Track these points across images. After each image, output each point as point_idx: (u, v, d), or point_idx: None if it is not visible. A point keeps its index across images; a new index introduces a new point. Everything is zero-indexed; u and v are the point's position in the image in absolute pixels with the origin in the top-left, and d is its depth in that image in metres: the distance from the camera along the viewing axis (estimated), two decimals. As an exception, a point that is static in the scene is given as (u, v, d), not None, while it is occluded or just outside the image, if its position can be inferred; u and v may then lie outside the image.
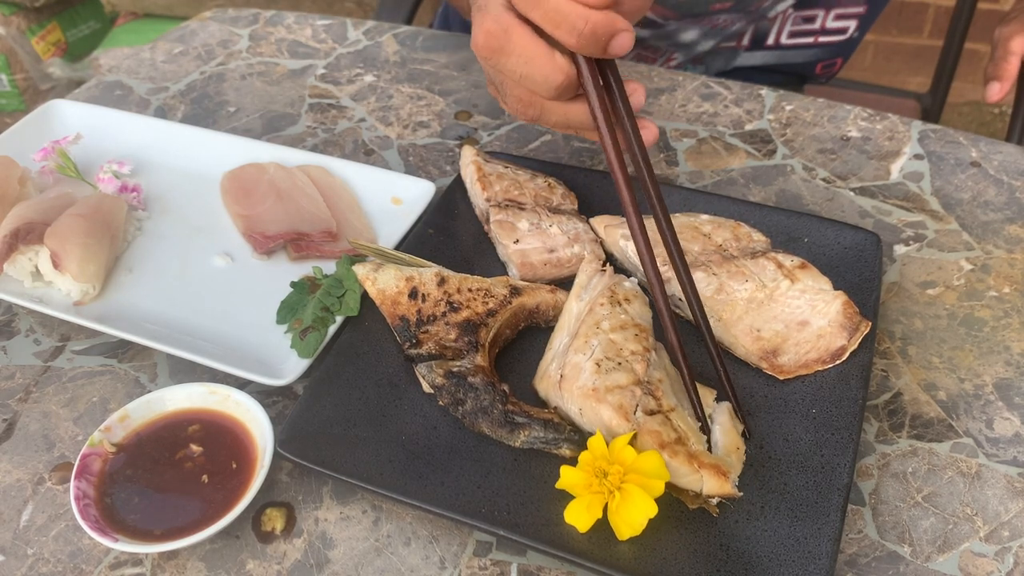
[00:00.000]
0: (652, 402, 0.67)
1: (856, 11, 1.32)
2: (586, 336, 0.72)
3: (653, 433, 0.65)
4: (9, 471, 0.74)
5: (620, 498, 0.62)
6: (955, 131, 1.07)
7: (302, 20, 1.35)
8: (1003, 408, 0.76)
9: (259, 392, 0.77)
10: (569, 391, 0.69)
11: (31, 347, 0.85)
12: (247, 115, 1.15)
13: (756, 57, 1.35)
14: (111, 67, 1.28)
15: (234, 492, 0.68)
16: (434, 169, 1.05)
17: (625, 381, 0.68)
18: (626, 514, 0.62)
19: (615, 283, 0.77)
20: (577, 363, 0.70)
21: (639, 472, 0.62)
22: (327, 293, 0.81)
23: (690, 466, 0.64)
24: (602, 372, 0.68)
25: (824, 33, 1.34)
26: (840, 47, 1.38)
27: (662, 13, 1.25)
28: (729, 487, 0.64)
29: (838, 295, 0.78)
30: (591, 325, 0.73)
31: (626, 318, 0.73)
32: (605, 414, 0.66)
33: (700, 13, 1.24)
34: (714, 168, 1.03)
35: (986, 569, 0.65)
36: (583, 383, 0.69)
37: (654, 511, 0.61)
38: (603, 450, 0.64)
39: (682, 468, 0.64)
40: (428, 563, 0.67)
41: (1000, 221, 0.95)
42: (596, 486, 0.63)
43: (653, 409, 0.67)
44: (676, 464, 0.64)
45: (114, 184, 0.97)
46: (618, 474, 0.62)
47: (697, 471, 0.64)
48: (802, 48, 1.35)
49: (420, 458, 0.70)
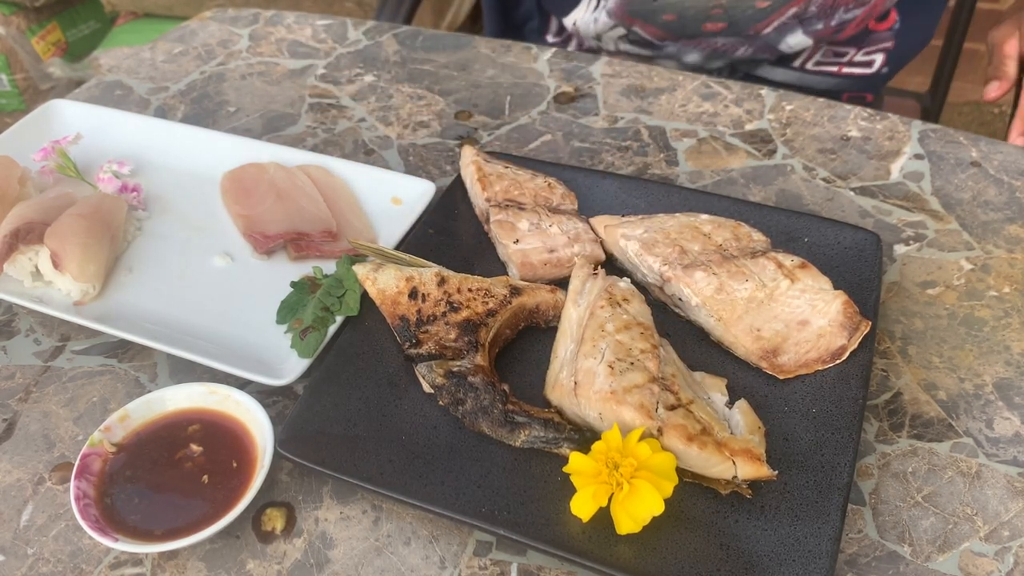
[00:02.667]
0: (671, 397, 0.67)
1: (884, 46, 1.32)
2: (593, 340, 0.72)
3: (679, 427, 0.65)
4: (9, 471, 0.74)
5: (628, 490, 0.62)
6: (955, 131, 1.07)
7: (302, 20, 1.35)
8: (1003, 408, 0.76)
9: (259, 392, 0.77)
10: (586, 397, 0.68)
11: (31, 347, 0.85)
12: (247, 115, 1.15)
13: (778, 74, 1.35)
14: (111, 67, 1.28)
15: (234, 492, 0.68)
16: (434, 169, 1.05)
17: (641, 380, 0.68)
18: (632, 508, 0.62)
19: (610, 284, 0.77)
20: (589, 368, 0.70)
21: (652, 470, 0.63)
22: (327, 293, 0.81)
23: (720, 455, 0.64)
24: (617, 374, 0.68)
25: (850, 64, 1.34)
26: (867, 81, 1.37)
27: (655, 34, 1.25)
28: (765, 468, 0.64)
29: (838, 295, 0.78)
30: (596, 328, 0.73)
31: (628, 318, 0.73)
32: (627, 415, 0.66)
33: (694, 35, 1.24)
34: (714, 168, 1.03)
35: (986, 569, 0.65)
36: (599, 387, 0.68)
37: (660, 509, 0.61)
38: (618, 443, 0.64)
39: (713, 458, 0.64)
40: (428, 563, 0.67)
41: (1000, 221, 0.95)
42: (605, 476, 0.63)
43: (673, 404, 0.67)
44: (707, 455, 0.64)
45: (114, 184, 0.97)
46: (630, 467, 0.62)
47: (728, 458, 0.64)
48: (826, 76, 1.35)
49: (420, 458, 0.70)
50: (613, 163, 1.05)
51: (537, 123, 1.11)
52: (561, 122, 1.11)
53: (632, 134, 1.09)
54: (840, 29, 1.27)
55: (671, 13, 1.21)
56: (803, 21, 1.25)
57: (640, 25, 1.25)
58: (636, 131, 1.09)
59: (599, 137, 1.09)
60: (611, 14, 1.25)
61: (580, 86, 1.17)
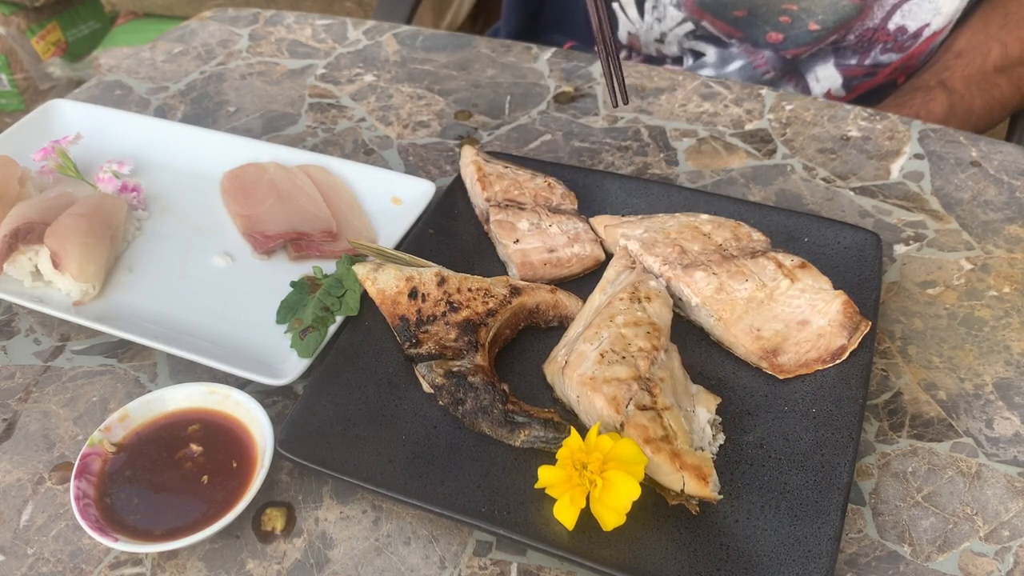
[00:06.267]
0: (647, 398, 0.67)
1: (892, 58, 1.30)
2: (598, 327, 0.73)
3: (640, 427, 0.65)
4: (9, 471, 0.74)
5: (602, 485, 0.62)
6: (955, 131, 1.07)
7: (302, 20, 1.35)
8: (1003, 408, 0.76)
9: (259, 392, 0.77)
10: (570, 377, 0.70)
11: (31, 347, 0.85)
12: (247, 115, 1.15)
13: None
14: (111, 67, 1.28)
15: (234, 492, 0.68)
16: (434, 169, 1.05)
17: (624, 375, 0.68)
18: (609, 500, 0.62)
19: (640, 280, 0.77)
20: (583, 351, 0.71)
21: (618, 459, 0.63)
22: (327, 293, 0.81)
23: (672, 464, 0.64)
24: (604, 363, 0.69)
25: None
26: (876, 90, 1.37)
27: (724, 30, 1.24)
28: (708, 491, 0.63)
29: (838, 294, 0.78)
30: (605, 318, 0.74)
31: (642, 315, 0.73)
32: (598, 403, 0.67)
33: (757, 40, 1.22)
34: (714, 168, 1.03)
35: (986, 569, 0.65)
36: (583, 371, 0.70)
37: (638, 493, 0.62)
38: (579, 443, 0.64)
39: (664, 465, 0.64)
40: (428, 563, 0.67)
41: (1000, 221, 0.94)
42: (576, 479, 0.63)
43: (646, 405, 0.67)
44: (659, 461, 0.64)
45: (114, 184, 0.97)
46: (597, 462, 0.63)
47: (679, 471, 0.64)
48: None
49: (420, 458, 0.70)
50: (613, 163, 1.05)
51: (537, 123, 1.11)
52: (561, 122, 1.11)
53: (632, 134, 1.09)
54: (872, 73, 1.25)
55: (742, 9, 1.20)
56: (837, 51, 1.23)
57: (710, 20, 1.24)
58: (636, 131, 1.09)
59: (599, 137, 1.09)
60: (680, 6, 1.24)
61: (580, 86, 1.17)
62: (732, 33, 1.24)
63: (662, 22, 1.28)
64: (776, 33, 1.21)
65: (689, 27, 1.27)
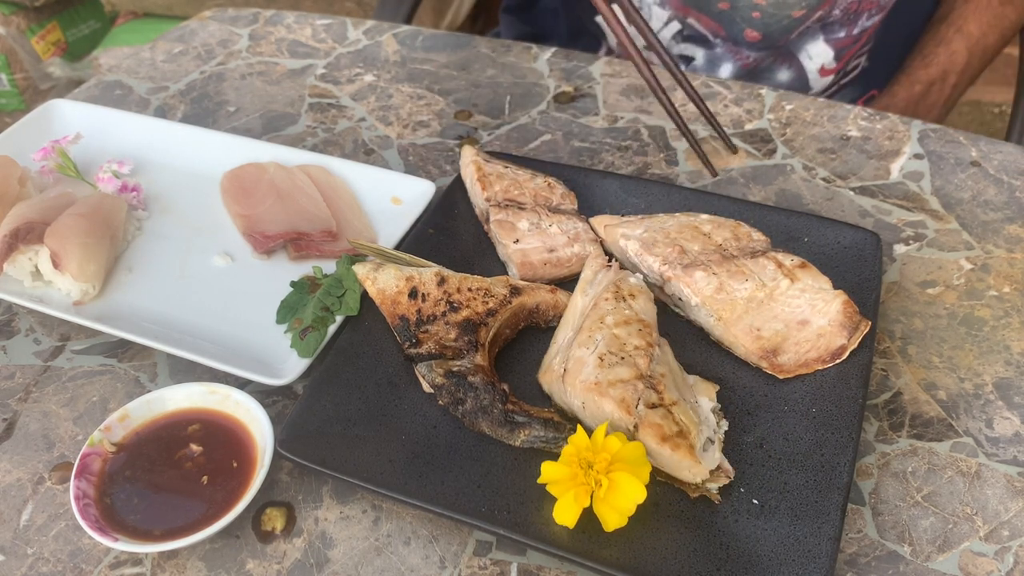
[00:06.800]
0: (654, 396, 0.67)
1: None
2: (590, 331, 0.72)
3: (655, 426, 0.65)
4: (9, 471, 0.74)
5: (608, 486, 0.62)
6: (955, 131, 1.07)
7: (302, 20, 1.35)
8: (1003, 408, 0.76)
9: (259, 392, 0.77)
10: (572, 385, 0.70)
11: (31, 347, 0.85)
12: (247, 115, 1.15)
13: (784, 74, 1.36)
14: (111, 67, 1.28)
15: (234, 492, 0.68)
16: (434, 169, 1.05)
17: (628, 375, 0.68)
18: (614, 501, 0.62)
19: (620, 279, 0.77)
20: (580, 357, 0.71)
21: (625, 460, 0.63)
22: (327, 293, 0.81)
23: (692, 459, 0.64)
24: (605, 366, 0.69)
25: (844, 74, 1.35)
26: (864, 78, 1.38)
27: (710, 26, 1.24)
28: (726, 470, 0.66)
29: (838, 294, 0.78)
30: (595, 320, 0.73)
31: (630, 313, 0.73)
32: (607, 407, 0.67)
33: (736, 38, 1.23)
34: (714, 168, 1.03)
35: (986, 569, 0.65)
36: (586, 377, 0.69)
37: (643, 496, 0.62)
38: (586, 442, 0.64)
39: (684, 461, 0.64)
40: (428, 563, 0.67)
41: (1000, 221, 0.95)
42: (581, 477, 0.63)
43: (655, 403, 0.67)
44: (678, 457, 0.64)
45: (114, 184, 0.97)
46: (604, 462, 0.62)
47: (699, 463, 0.64)
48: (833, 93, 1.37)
49: (420, 458, 0.70)
50: (613, 163, 1.05)
51: (537, 123, 1.11)
52: (561, 122, 1.11)
53: (632, 134, 1.09)
54: (859, 38, 1.28)
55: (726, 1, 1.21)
56: (825, 27, 1.25)
57: (695, 16, 1.24)
58: (636, 131, 1.09)
59: (599, 137, 1.09)
60: (664, 4, 1.25)
61: (580, 86, 1.17)
62: (717, 31, 1.25)
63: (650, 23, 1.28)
64: (753, 31, 1.22)
65: (676, 27, 1.28)
